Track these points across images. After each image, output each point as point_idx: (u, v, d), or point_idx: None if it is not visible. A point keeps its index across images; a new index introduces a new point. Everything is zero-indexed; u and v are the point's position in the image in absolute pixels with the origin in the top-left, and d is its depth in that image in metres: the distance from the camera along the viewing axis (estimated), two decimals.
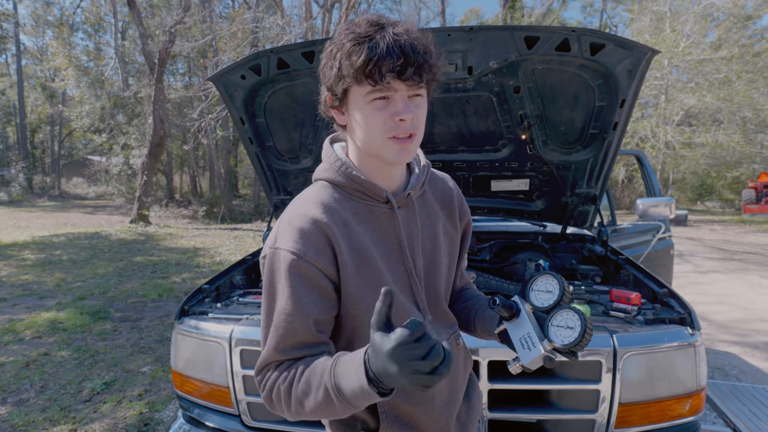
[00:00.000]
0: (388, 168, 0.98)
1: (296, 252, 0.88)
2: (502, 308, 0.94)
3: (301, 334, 0.89)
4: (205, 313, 1.94)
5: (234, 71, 2.26)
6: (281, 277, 0.89)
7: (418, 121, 0.90)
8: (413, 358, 0.68)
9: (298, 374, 0.86)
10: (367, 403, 0.79)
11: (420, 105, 0.90)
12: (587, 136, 2.40)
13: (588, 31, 1.93)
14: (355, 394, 0.77)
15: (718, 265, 8.99)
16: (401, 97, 0.86)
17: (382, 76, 0.82)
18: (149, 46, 14.83)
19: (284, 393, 0.87)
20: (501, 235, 3.11)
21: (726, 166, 21.55)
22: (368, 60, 0.82)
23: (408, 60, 0.82)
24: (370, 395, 0.75)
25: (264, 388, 0.90)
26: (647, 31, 19.59)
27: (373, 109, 0.87)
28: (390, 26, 0.85)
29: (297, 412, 0.86)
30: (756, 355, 4.31)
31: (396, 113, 0.86)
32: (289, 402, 0.86)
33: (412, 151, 0.92)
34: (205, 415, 1.88)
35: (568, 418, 1.67)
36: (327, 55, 0.90)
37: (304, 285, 0.89)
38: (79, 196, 29.11)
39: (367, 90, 0.85)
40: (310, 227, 0.91)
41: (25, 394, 3.45)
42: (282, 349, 0.89)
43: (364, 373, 0.75)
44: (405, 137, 0.89)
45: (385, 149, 0.90)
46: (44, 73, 31.81)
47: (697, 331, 1.68)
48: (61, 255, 9.31)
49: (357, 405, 0.79)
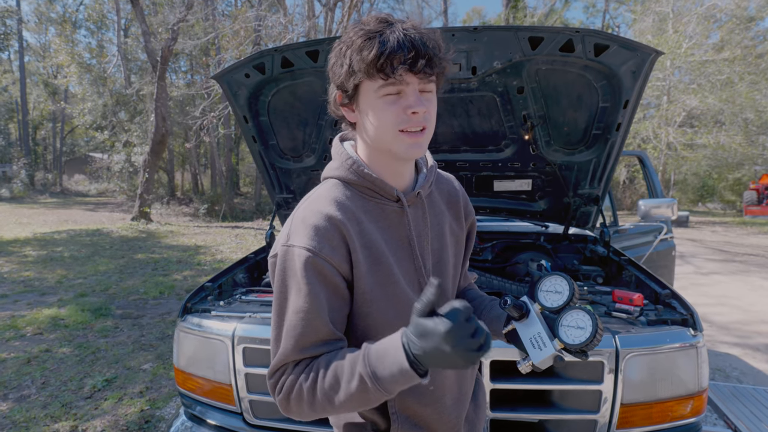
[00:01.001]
0: (398, 166, 0.98)
1: (312, 249, 0.87)
2: (513, 308, 0.94)
3: (321, 331, 0.87)
4: (208, 311, 1.94)
5: (238, 70, 2.26)
6: (296, 274, 0.87)
7: (430, 115, 0.91)
8: (465, 337, 0.72)
9: (323, 370, 0.84)
10: (403, 386, 0.80)
11: (431, 100, 0.90)
12: (590, 137, 2.40)
13: (592, 32, 1.93)
14: (393, 378, 0.78)
15: (719, 266, 8.99)
16: (413, 91, 0.87)
17: (393, 69, 0.83)
18: (152, 43, 14.83)
19: (308, 391, 0.85)
20: (503, 235, 3.11)
21: (728, 168, 21.53)
22: (380, 54, 0.82)
23: (419, 53, 0.83)
24: (409, 377, 0.77)
25: (281, 389, 0.88)
26: (650, 31, 19.56)
27: (385, 104, 0.87)
28: (399, 23, 0.86)
29: (322, 408, 0.85)
30: (757, 357, 4.31)
31: (408, 106, 0.87)
32: (313, 400, 0.85)
33: (423, 145, 0.92)
34: (207, 413, 1.88)
35: (570, 419, 1.67)
36: (337, 53, 0.90)
37: (320, 282, 0.88)
38: (81, 193, 29.14)
39: (379, 84, 0.86)
40: (325, 224, 0.90)
41: (26, 390, 3.46)
42: (302, 347, 0.87)
43: (404, 355, 0.77)
44: (417, 130, 0.89)
45: (396, 143, 0.90)
46: (47, 70, 31.83)
47: (699, 333, 1.68)
48: (62, 252, 9.32)
49: (392, 390, 0.80)
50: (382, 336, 0.94)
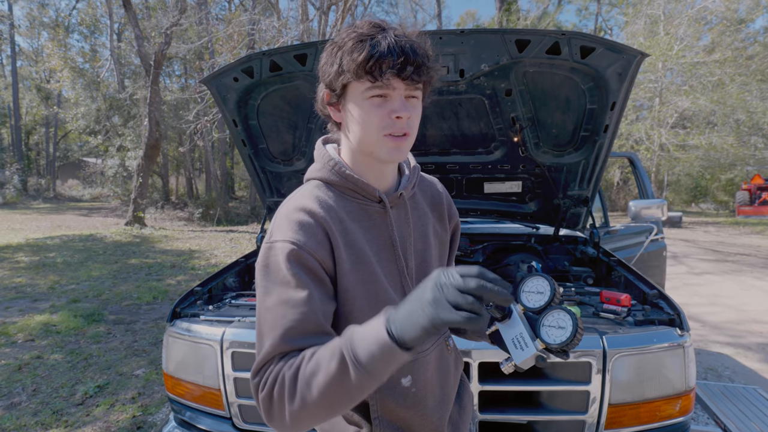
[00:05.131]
0: (381, 168, 0.99)
1: (296, 242, 0.87)
2: (495, 309, 0.94)
3: (309, 321, 0.84)
4: (197, 316, 1.94)
5: (226, 74, 2.26)
6: (281, 268, 0.85)
7: (413, 121, 0.93)
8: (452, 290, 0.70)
9: (307, 356, 0.79)
10: (387, 368, 0.73)
11: (415, 106, 0.93)
12: (579, 139, 2.41)
13: (578, 35, 1.95)
14: (373, 356, 0.71)
15: (712, 266, 9.04)
16: (399, 95, 0.89)
17: (382, 73, 0.85)
18: (145, 47, 14.81)
19: (290, 381, 0.78)
20: (494, 236, 3.12)
21: (720, 168, 21.70)
22: (370, 56, 0.84)
23: (408, 59, 0.85)
24: (389, 351, 0.71)
25: (265, 385, 0.81)
26: (642, 34, 19.72)
27: (371, 106, 0.89)
28: (391, 29, 0.88)
29: (302, 400, 0.76)
30: (749, 356, 4.34)
31: (393, 110, 0.88)
32: (294, 392, 0.77)
33: (405, 150, 0.93)
34: (196, 418, 1.87)
35: (559, 419, 1.68)
36: (328, 52, 0.92)
37: (306, 274, 0.86)
38: (74, 198, 28.99)
39: (366, 86, 0.88)
40: (309, 219, 0.90)
41: (17, 397, 3.43)
42: (289, 338, 0.82)
43: (384, 327, 0.72)
44: (400, 135, 0.91)
45: (379, 146, 0.92)
46: (39, 74, 31.69)
47: (686, 332, 1.69)
48: (55, 257, 9.26)
49: (374, 372, 0.72)
50: None
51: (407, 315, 0.72)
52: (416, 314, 0.71)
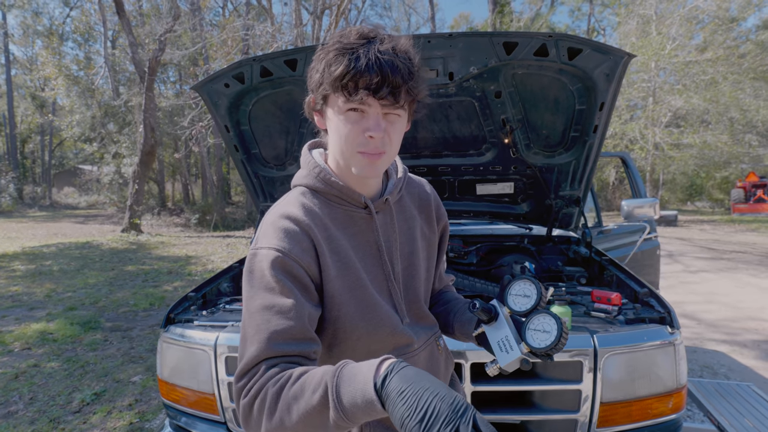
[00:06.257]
0: None
1: (280, 249, 0.87)
2: (481, 312, 0.95)
3: (295, 327, 0.83)
4: (191, 321, 1.94)
5: (217, 80, 2.27)
6: (265, 275, 0.86)
7: (390, 139, 0.89)
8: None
9: (294, 376, 0.77)
10: (366, 417, 0.70)
11: (395, 122, 0.89)
12: (569, 140, 2.43)
13: (565, 37, 1.97)
14: (355, 404, 0.69)
15: (707, 264, 9.08)
16: (374, 114, 0.86)
17: (356, 90, 0.83)
18: (139, 54, 14.80)
19: (271, 397, 0.76)
20: (487, 238, 3.13)
21: (715, 167, 21.80)
22: (345, 72, 0.82)
23: (386, 79, 0.82)
24: (372, 407, 0.68)
25: (248, 392, 0.79)
26: (634, 34, 19.83)
27: (347, 120, 0.87)
28: (378, 42, 0.85)
29: (280, 421, 0.75)
30: (744, 354, 4.36)
31: (367, 129, 0.86)
32: (273, 409, 0.76)
33: (380, 166, 0.91)
34: (191, 423, 1.87)
35: (551, 419, 1.69)
36: (316, 58, 0.91)
37: (290, 280, 0.86)
38: (71, 206, 28.89)
39: (342, 100, 0.86)
40: (293, 227, 0.91)
41: (13, 406, 3.41)
42: (275, 342, 0.81)
43: (372, 384, 0.69)
44: (374, 153, 0.89)
45: (353, 161, 0.91)
46: (34, 82, 31.61)
47: (676, 330, 1.70)
48: (51, 265, 9.23)
49: (352, 417, 0.70)
50: (349, 342, 0.93)
51: (400, 395, 0.66)
52: (407, 404, 0.65)
